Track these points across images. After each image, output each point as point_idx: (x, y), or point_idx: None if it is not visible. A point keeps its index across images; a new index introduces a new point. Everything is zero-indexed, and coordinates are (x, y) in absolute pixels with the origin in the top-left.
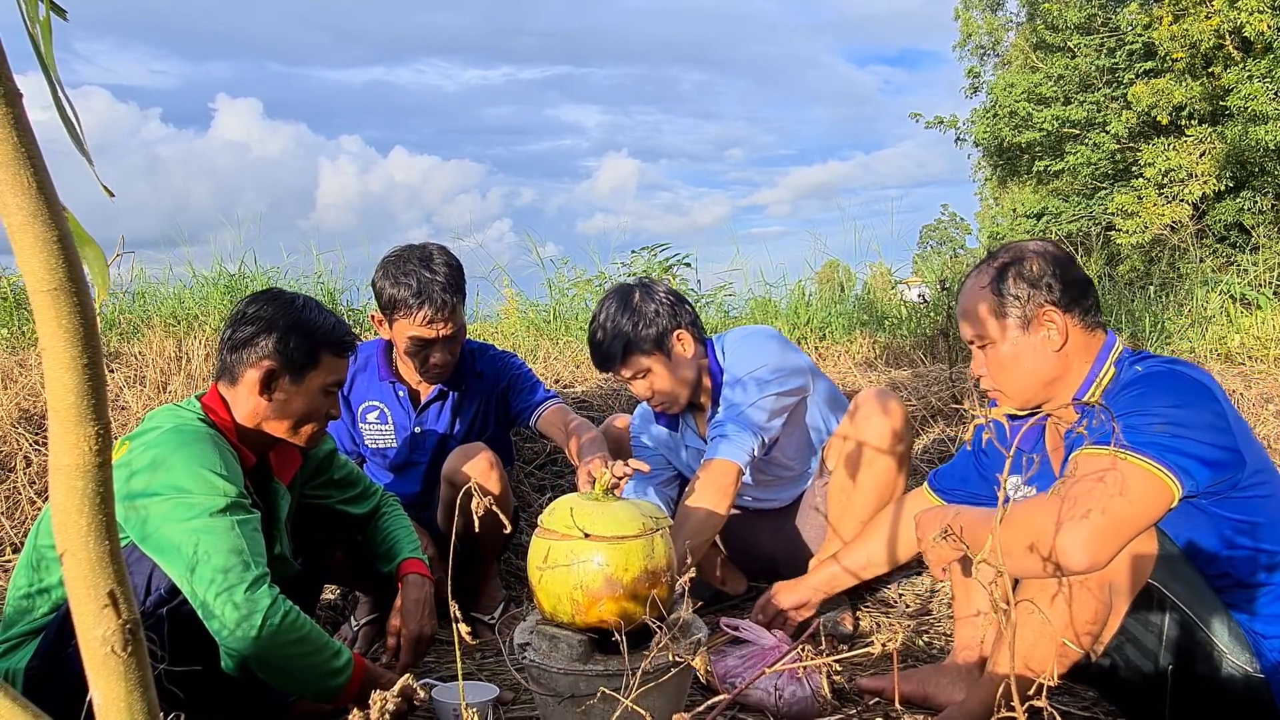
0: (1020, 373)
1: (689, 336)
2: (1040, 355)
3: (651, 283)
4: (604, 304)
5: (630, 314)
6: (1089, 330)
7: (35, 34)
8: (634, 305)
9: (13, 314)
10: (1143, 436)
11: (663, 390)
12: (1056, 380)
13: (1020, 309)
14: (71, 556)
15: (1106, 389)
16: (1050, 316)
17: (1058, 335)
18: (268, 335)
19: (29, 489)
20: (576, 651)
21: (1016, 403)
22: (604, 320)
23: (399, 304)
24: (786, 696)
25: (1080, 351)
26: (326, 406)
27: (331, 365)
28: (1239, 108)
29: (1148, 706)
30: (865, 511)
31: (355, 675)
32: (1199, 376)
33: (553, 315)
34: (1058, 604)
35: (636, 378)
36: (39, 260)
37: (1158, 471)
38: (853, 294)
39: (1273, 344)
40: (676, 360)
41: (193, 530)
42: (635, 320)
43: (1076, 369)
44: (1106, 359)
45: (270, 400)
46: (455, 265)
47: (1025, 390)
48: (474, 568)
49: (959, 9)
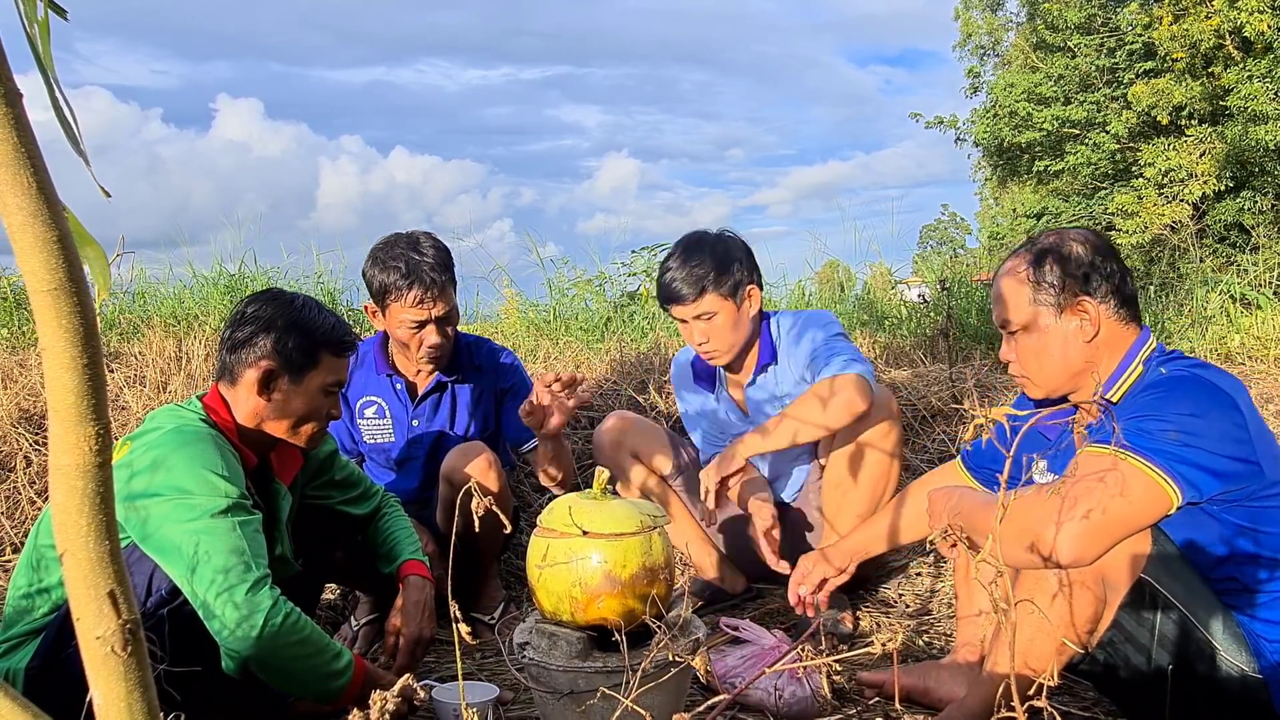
0: (1049, 360)
1: (758, 295)
2: (1071, 344)
3: (734, 234)
4: (686, 240)
5: (714, 255)
6: (1123, 324)
7: (33, 34)
8: (719, 249)
9: (13, 314)
10: (1153, 442)
11: (719, 339)
12: (1084, 371)
13: (1055, 296)
14: (71, 556)
15: (1131, 387)
16: (1084, 306)
17: (1090, 326)
18: (266, 335)
19: (29, 489)
20: (576, 649)
21: (1042, 391)
22: (686, 255)
23: (389, 288)
24: (786, 696)
25: (1111, 345)
26: (327, 407)
27: (331, 365)
28: (1239, 108)
29: (1147, 706)
30: (861, 506)
31: (356, 677)
32: (1223, 384)
33: (553, 315)
34: (1057, 603)
35: (700, 319)
36: (39, 260)
37: (1159, 478)
38: (853, 294)
39: (1273, 344)
40: (743, 313)
41: (194, 531)
42: (718, 262)
43: (1105, 362)
44: (1135, 356)
45: (269, 400)
46: (442, 248)
47: (1053, 379)
48: (474, 568)
49: (959, 9)
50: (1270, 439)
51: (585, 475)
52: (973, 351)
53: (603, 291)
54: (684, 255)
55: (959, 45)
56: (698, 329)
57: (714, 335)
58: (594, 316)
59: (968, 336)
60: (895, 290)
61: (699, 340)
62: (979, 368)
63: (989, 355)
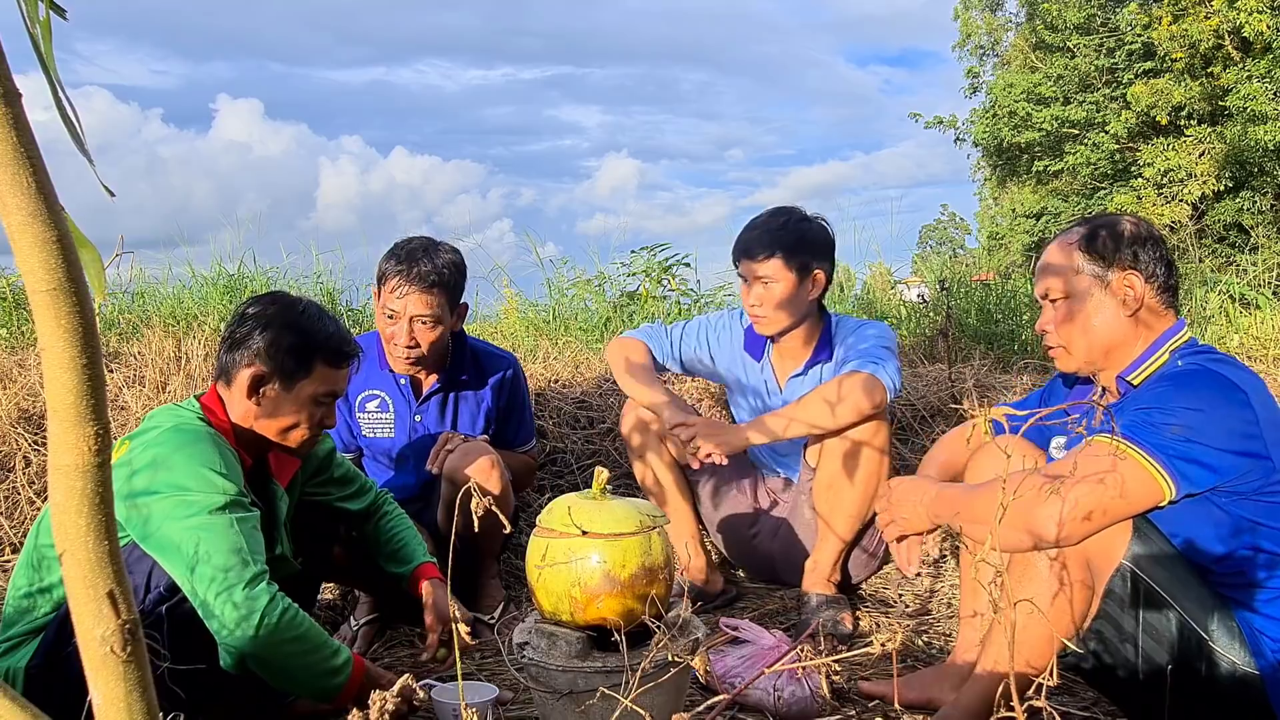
0: (1089, 330)
1: (823, 280)
2: (1112, 317)
3: (825, 221)
4: (779, 208)
5: (797, 229)
6: (1162, 307)
7: (35, 34)
8: (804, 226)
9: (12, 314)
10: (1154, 435)
11: (774, 306)
12: (1117, 349)
13: (1104, 268)
14: (71, 556)
15: (1152, 375)
16: (1131, 281)
17: (1133, 300)
18: (261, 337)
19: (28, 489)
20: (575, 649)
21: (1076, 362)
22: (772, 216)
23: (385, 273)
24: (786, 696)
25: (1146, 326)
26: (319, 415)
27: (326, 375)
28: (1238, 108)
29: (1146, 705)
30: (854, 506)
31: (354, 675)
32: (1239, 379)
33: (552, 315)
34: (1046, 589)
35: (761, 281)
36: (38, 260)
37: (1154, 470)
38: (852, 294)
39: (1272, 344)
40: (802, 292)
41: (193, 528)
42: (798, 235)
43: (1138, 344)
44: (1164, 344)
45: (259, 404)
46: (456, 263)
47: (1090, 350)
48: (474, 568)
49: (958, 9)
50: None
51: (585, 475)
52: (972, 351)
53: (602, 292)
54: (770, 216)
55: (958, 45)
56: (756, 291)
57: (767, 301)
58: (593, 316)
59: (967, 336)
60: (895, 290)
61: (752, 302)
62: (978, 368)
63: (988, 355)
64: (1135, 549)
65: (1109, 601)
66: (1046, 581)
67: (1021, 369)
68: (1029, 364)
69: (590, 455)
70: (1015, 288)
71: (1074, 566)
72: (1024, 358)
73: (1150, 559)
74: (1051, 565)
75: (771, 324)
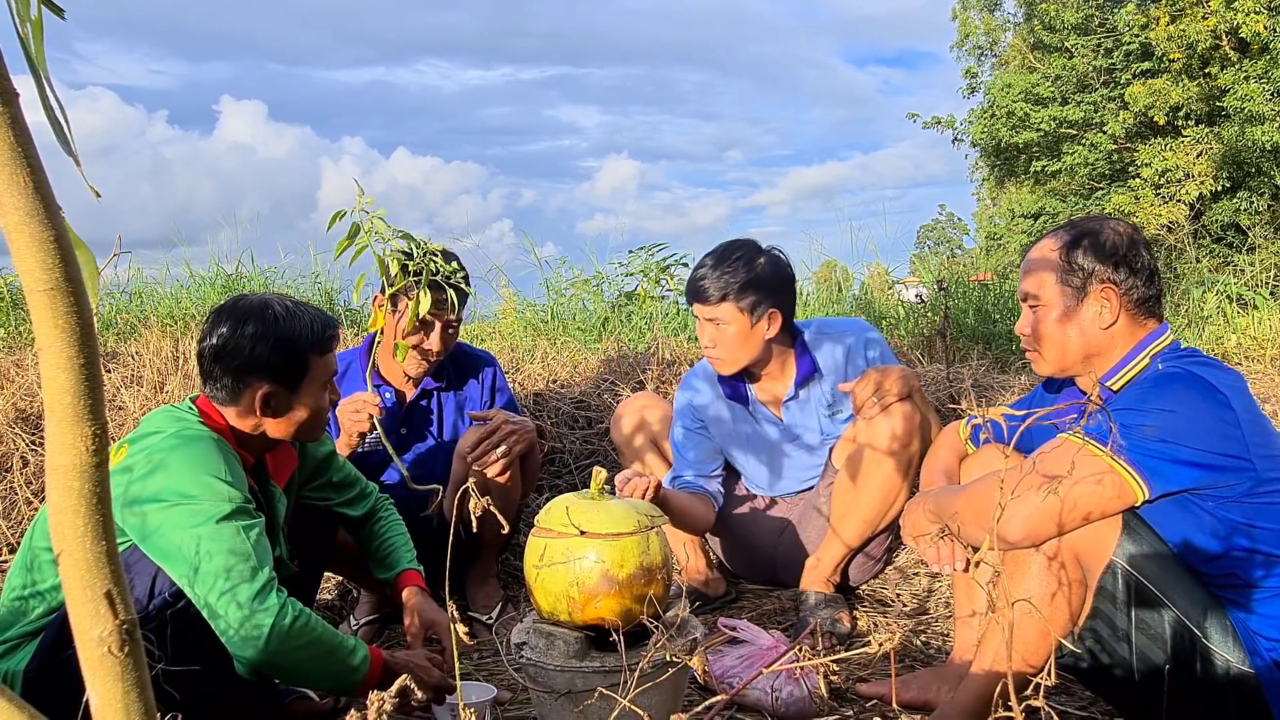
0: (1063, 339)
1: (779, 320)
2: (1087, 328)
3: (781, 253)
4: (729, 244)
5: (747, 268)
6: (1142, 316)
7: (25, 34)
8: (756, 264)
9: (9, 314)
10: (1126, 436)
11: (726, 348)
12: (1095, 356)
13: (1081, 280)
14: (68, 557)
15: (1133, 379)
16: (1107, 294)
17: (1109, 314)
18: (254, 358)
19: (25, 489)
20: (573, 648)
21: (1050, 368)
22: (721, 258)
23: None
24: (784, 696)
25: (1124, 335)
26: (325, 398)
27: (320, 363)
28: (1235, 108)
29: (1144, 705)
30: (869, 512)
31: (373, 669)
32: (1219, 381)
33: (550, 315)
34: (1040, 587)
35: (713, 322)
36: (35, 260)
37: (1124, 472)
38: (850, 294)
39: (1269, 344)
40: (756, 332)
41: (195, 535)
42: (748, 275)
43: (1116, 351)
44: (1144, 349)
45: (272, 415)
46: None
47: (1063, 358)
48: (473, 567)
49: (956, 9)
50: (1270, 436)
51: (583, 475)
52: (970, 351)
53: (600, 292)
54: (719, 257)
55: (956, 46)
56: (708, 332)
57: (721, 343)
58: (591, 317)
59: (965, 336)
60: (893, 290)
61: (707, 343)
62: (976, 368)
63: (986, 355)
64: (1128, 547)
65: (1102, 599)
66: (1040, 579)
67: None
68: (1026, 364)
69: (588, 455)
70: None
71: (1067, 564)
72: (1021, 358)
73: (1143, 557)
74: (1045, 563)
75: (729, 364)
